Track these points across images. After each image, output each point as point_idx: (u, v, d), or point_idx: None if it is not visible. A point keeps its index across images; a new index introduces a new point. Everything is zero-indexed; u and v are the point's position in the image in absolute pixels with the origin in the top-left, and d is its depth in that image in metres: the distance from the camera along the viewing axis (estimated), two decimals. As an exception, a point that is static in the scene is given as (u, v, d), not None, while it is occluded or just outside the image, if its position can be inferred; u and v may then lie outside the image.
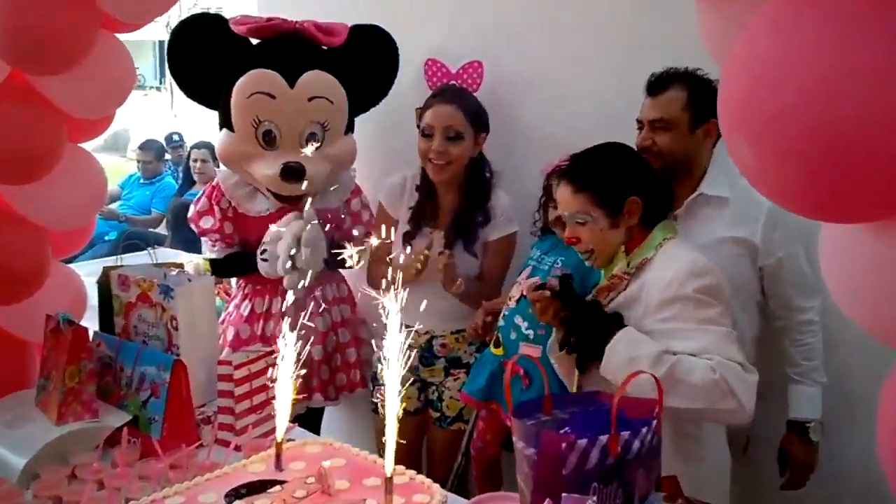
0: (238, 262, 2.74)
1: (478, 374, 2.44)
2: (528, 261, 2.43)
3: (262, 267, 2.61)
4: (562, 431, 1.44)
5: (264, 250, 2.59)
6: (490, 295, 2.54)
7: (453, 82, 2.64)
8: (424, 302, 2.29)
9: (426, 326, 2.65)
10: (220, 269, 2.77)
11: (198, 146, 6.23)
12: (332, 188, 2.76)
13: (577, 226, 1.95)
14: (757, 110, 1.08)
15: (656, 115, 2.14)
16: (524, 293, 2.26)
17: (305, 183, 2.54)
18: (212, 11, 2.89)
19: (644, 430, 1.42)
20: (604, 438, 1.38)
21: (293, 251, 2.47)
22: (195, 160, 6.27)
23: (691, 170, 2.16)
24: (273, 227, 2.58)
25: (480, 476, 2.50)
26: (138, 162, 7.06)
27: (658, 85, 2.17)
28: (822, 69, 1.03)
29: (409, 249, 2.53)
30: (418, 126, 2.59)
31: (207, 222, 2.70)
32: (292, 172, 2.54)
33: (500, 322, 2.39)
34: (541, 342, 2.22)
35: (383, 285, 1.30)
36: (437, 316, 2.62)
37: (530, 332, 2.30)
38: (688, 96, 2.11)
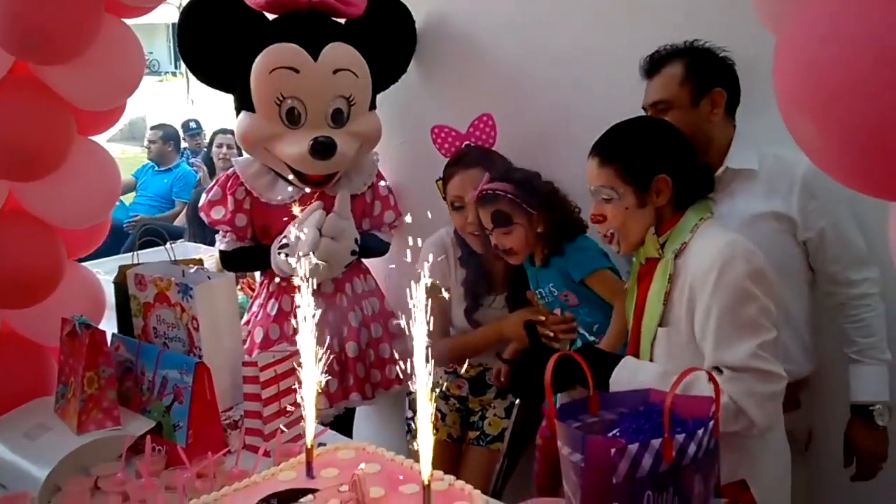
0: (247, 257, 2.72)
1: None
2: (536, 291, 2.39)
3: (278, 263, 2.57)
4: (610, 434, 1.39)
5: (284, 244, 2.55)
6: None
7: (468, 143, 2.53)
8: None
9: (478, 359, 2.63)
10: (227, 262, 2.74)
11: (223, 131, 6.20)
12: (356, 171, 2.73)
13: (602, 203, 1.90)
14: (823, 84, 1.00)
15: (655, 97, 2.10)
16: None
17: (333, 161, 2.51)
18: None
19: (700, 431, 1.37)
20: (657, 442, 1.33)
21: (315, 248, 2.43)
22: (220, 145, 6.24)
23: (707, 145, 2.09)
24: (292, 227, 2.53)
25: (543, 473, 2.44)
26: (149, 143, 6.98)
27: (654, 65, 2.13)
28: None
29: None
30: (444, 198, 2.51)
31: (218, 213, 2.66)
32: (323, 148, 2.50)
33: None
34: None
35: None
36: (491, 350, 2.58)
37: (593, 338, 2.28)
38: (684, 70, 2.07)
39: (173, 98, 17.74)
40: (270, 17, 2.65)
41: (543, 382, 1.68)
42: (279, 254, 2.56)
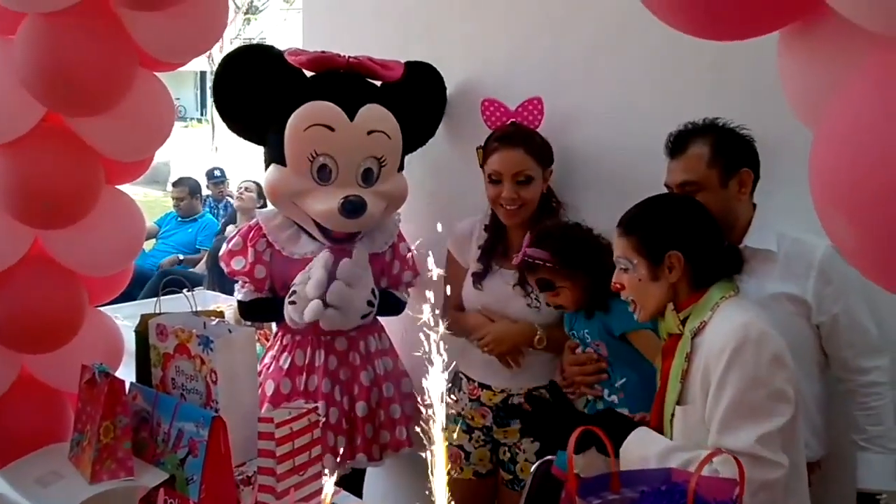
0: (265, 308, 2.72)
1: None
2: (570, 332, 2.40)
3: (289, 312, 2.56)
4: (631, 514, 1.36)
5: (293, 292, 2.55)
6: None
7: (513, 120, 2.59)
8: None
9: (501, 385, 2.61)
10: (245, 312, 2.75)
11: (249, 180, 6.34)
12: (378, 230, 2.75)
13: (620, 272, 1.92)
14: (862, 184, 0.98)
15: (682, 177, 2.08)
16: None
17: (361, 220, 2.54)
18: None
19: (724, 515, 1.34)
20: (679, 525, 1.30)
21: (323, 291, 2.45)
22: (240, 188, 6.36)
23: (732, 225, 2.09)
24: (300, 275, 2.55)
25: None
26: (177, 202, 7.13)
27: (678, 145, 2.11)
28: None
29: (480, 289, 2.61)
30: (481, 166, 2.57)
31: (238, 263, 2.66)
32: (353, 207, 2.51)
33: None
34: (625, 406, 2.19)
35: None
36: (514, 374, 2.58)
37: (613, 397, 2.27)
38: (711, 150, 2.06)
39: (198, 144, 17.97)
40: (308, 74, 2.67)
41: (559, 431, 1.73)
42: (289, 303, 2.56)
